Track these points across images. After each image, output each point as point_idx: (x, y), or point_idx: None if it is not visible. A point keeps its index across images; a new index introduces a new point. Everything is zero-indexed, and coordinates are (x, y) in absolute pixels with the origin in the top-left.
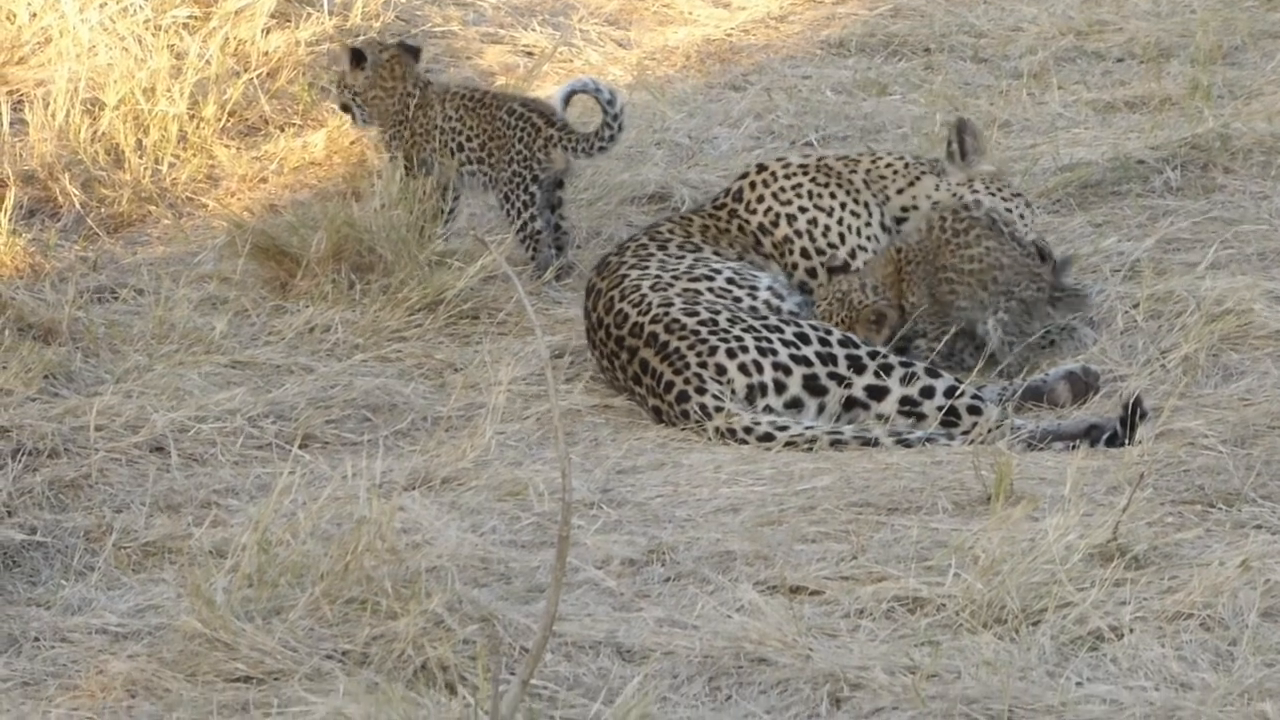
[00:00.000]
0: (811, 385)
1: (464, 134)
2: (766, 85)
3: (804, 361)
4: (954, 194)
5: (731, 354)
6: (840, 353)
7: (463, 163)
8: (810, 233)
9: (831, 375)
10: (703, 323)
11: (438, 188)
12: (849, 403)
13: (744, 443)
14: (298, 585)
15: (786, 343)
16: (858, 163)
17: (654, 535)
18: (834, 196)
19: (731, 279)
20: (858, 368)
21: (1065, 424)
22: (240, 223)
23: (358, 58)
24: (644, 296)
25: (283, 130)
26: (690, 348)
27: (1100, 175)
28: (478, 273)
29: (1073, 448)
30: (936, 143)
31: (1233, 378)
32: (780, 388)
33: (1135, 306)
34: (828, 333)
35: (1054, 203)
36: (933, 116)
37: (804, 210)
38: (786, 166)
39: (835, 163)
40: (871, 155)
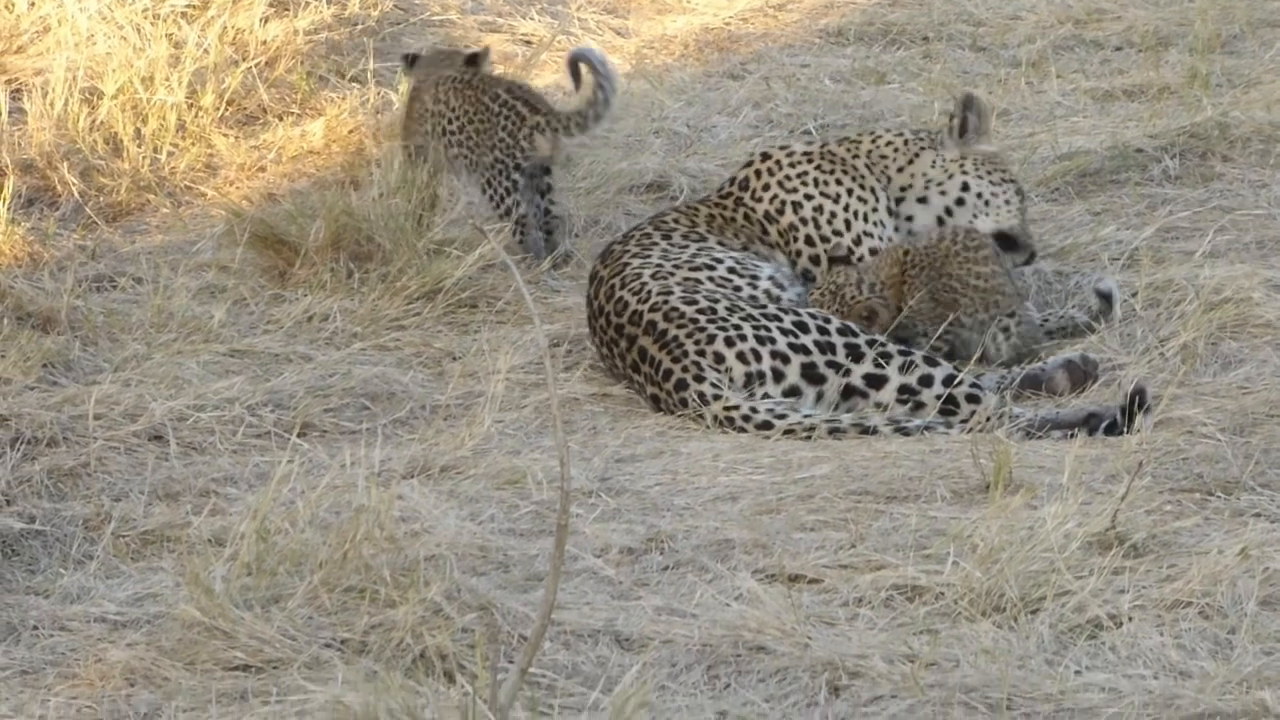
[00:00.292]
0: (810, 374)
1: (448, 117)
2: (765, 74)
3: (802, 350)
4: (946, 171)
5: (730, 342)
6: (839, 341)
7: (447, 146)
8: (816, 220)
9: (830, 364)
10: (701, 311)
11: (434, 174)
12: (847, 391)
13: (742, 431)
14: (296, 574)
15: (785, 331)
16: (859, 144)
17: (652, 524)
18: (839, 183)
19: (733, 268)
20: (856, 356)
21: (1064, 412)
22: (239, 211)
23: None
24: (644, 284)
25: (281, 119)
26: (689, 336)
27: (1099, 164)
28: (476, 261)
29: (1071, 436)
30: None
31: (1231, 366)
32: (778, 376)
33: (1134, 295)
34: (826, 321)
35: (1053, 191)
36: (931, 105)
37: (810, 198)
38: (791, 154)
39: (838, 148)
40: (872, 135)
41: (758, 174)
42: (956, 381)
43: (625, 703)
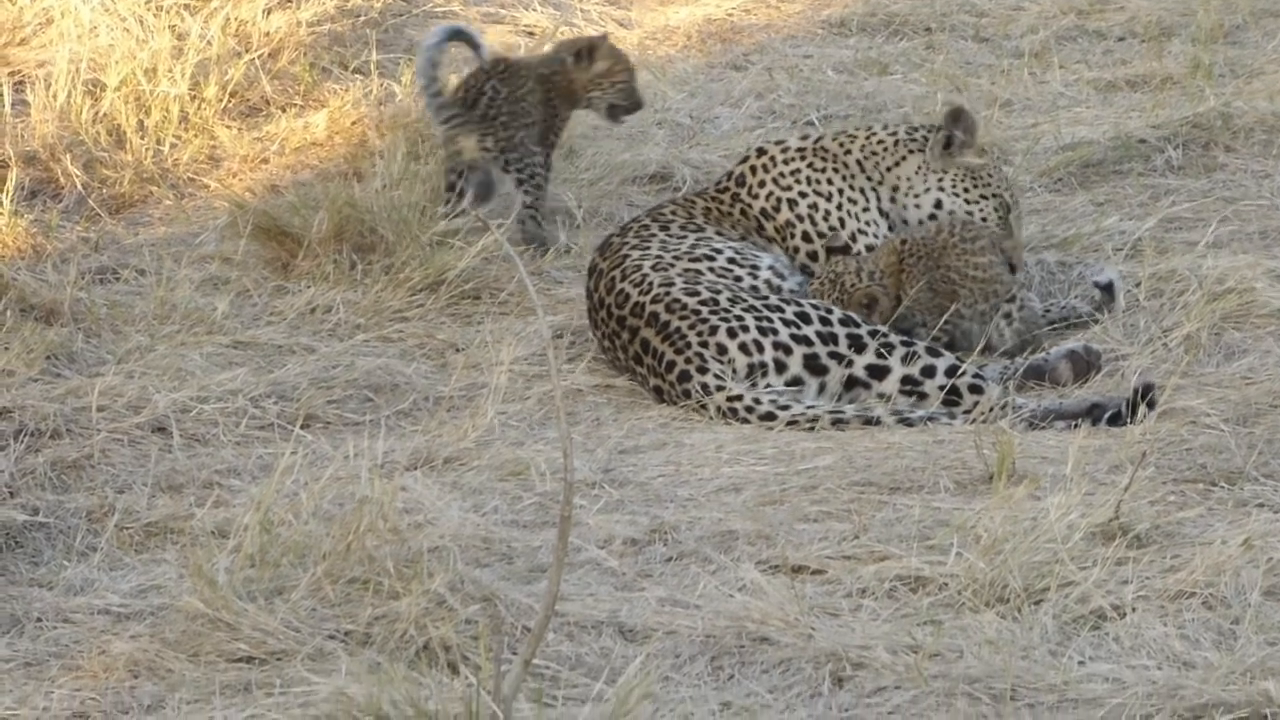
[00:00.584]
0: (812, 365)
1: None
2: (768, 65)
3: (805, 341)
4: (925, 183)
5: (732, 333)
6: (841, 332)
7: None
8: (811, 216)
9: (832, 354)
10: (704, 302)
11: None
12: (850, 382)
13: (746, 422)
14: (300, 565)
15: (787, 322)
16: (853, 140)
17: (656, 515)
18: (831, 182)
19: (733, 259)
20: (859, 347)
21: (1067, 403)
22: (242, 203)
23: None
24: (645, 276)
25: (284, 111)
26: (691, 327)
27: (1102, 154)
28: (479, 253)
29: (1074, 427)
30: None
31: (1234, 356)
32: (781, 367)
33: (1137, 285)
34: (828, 312)
35: (1055, 182)
36: (934, 96)
37: (804, 195)
38: (785, 150)
39: (831, 144)
40: (867, 131)
41: (753, 170)
42: (960, 372)
43: (629, 694)
